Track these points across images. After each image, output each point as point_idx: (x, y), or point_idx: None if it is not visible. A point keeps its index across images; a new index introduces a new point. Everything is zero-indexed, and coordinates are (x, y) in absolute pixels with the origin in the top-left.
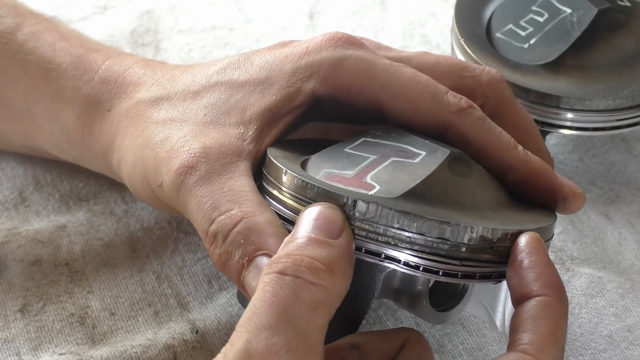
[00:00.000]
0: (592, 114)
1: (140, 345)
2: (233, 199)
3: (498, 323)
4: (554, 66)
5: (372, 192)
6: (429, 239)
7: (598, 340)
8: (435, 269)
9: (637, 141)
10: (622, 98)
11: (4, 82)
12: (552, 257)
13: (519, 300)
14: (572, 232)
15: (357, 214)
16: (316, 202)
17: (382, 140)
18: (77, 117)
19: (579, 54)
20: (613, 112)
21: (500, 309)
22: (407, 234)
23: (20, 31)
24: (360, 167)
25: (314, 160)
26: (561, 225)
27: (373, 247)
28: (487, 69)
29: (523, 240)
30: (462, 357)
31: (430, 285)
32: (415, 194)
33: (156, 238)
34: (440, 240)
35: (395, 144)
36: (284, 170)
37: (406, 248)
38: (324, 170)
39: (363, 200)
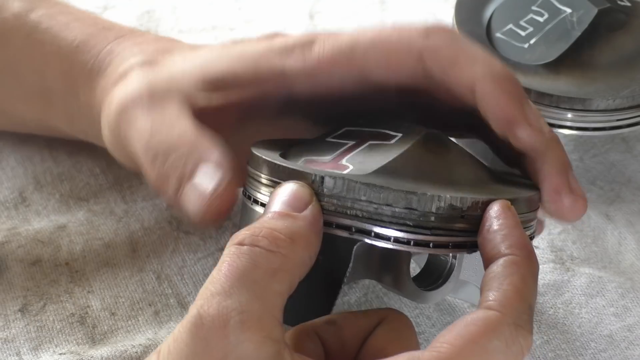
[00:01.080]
0: (592, 114)
1: (140, 345)
2: (173, 130)
3: None
4: (554, 66)
5: (345, 172)
6: (397, 209)
7: (598, 340)
8: (405, 240)
9: (638, 141)
10: (622, 98)
11: (19, 62)
12: (552, 257)
13: (487, 263)
14: (572, 232)
15: (325, 190)
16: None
17: (363, 128)
18: (86, 90)
19: (579, 54)
20: (613, 112)
21: None
22: (374, 206)
23: (34, 13)
24: (337, 152)
25: (294, 150)
26: (561, 225)
27: (342, 221)
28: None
29: (493, 207)
30: None
31: (413, 264)
32: (387, 171)
33: (156, 238)
34: (408, 211)
35: (374, 129)
36: (262, 159)
37: (375, 220)
38: (304, 157)
39: (330, 176)
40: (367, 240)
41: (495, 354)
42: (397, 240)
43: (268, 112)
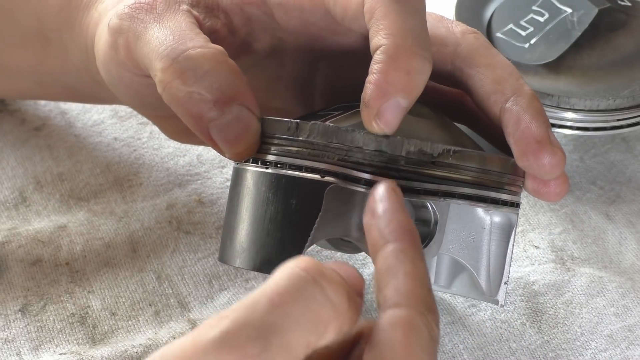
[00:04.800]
0: (592, 114)
1: (140, 345)
2: (194, 37)
3: (483, 285)
4: (555, 66)
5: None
6: (367, 151)
7: (598, 339)
8: (375, 182)
9: (638, 141)
10: (622, 98)
11: (16, 6)
12: (552, 257)
13: (373, 249)
14: (573, 231)
15: (300, 136)
16: (275, 135)
17: (355, 102)
18: (82, 20)
19: (579, 53)
20: (614, 112)
21: (484, 268)
22: (345, 149)
23: None
24: (324, 118)
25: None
26: (562, 225)
27: (314, 164)
28: (464, 25)
29: (377, 189)
30: (462, 357)
31: None
32: (361, 127)
33: (156, 238)
34: (378, 153)
35: (354, 102)
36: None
37: (345, 162)
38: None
39: (305, 122)
40: (338, 183)
41: (423, 344)
42: (367, 182)
43: (257, 51)
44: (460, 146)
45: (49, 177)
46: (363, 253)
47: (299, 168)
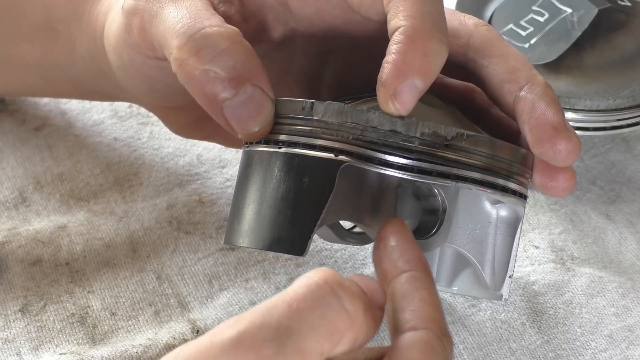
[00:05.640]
0: (592, 114)
1: (140, 345)
2: (210, 17)
3: (487, 279)
4: (555, 66)
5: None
6: (381, 131)
7: (598, 340)
8: (388, 162)
9: (638, 141)
10: (622, 98)
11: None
12: (552, 257)
13: (385, 278)
14: (573, 231)
15: (314, 115)
16: (288, 115)
17: (363, 94)
18: (92, 9)
19: (579, 53)
20: (614, 112)
21: (488, 262)
22: (360, 128)
23: None
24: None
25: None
26: (562, 225)
27: (328, 143)
28: (476, 18)
29: (387, 225)
30: (462, 357)
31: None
32: (378, 109)
33: (156, 238)
34: (392, 133)
35: (366, 93)
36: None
37: (359, 141)
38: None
39: (320, 102)
40: (351, 162)
41: None
42: (380, 162)
43: (269, 41)
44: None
45: (49, 177)
46: (363, 253)
47: (312, 147)
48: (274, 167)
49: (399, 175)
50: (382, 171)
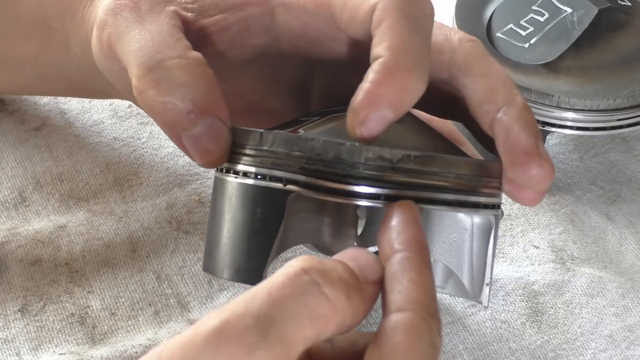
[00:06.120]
0: (592, 114)
1: (140, 345)
2: (173, 45)
3: (467, 286)
4: (555, 66)
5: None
6: (327, 159)
7: (598, 340)
8: (335, 190)
9: (638, 141)
10: (622, 98)
11: None
12: (552, 257)
13: (384, 260)
14: (573, 231)
15: (263, 145)
16: (244, 144)
17: (340, 107)
18: (85, 7)
19: (579, 53)
20: (614, 112)
21: (467, 269)
22: (305, 158)
23: None
24: (301, 124)
25: (273, 127)
26: (562, 225)
27: (276, 173)
28: (463, 33)
29: (394, 206)
30: (462, 357)
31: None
32: (332, 132)
33: (156, 238)
34: (337, 161)
35: (341, 107)
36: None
37: (307, 171)
38: (274, 130)
39: (268, 132)
40: (299, 191)
41: (424, 349)
42: (327, 190)
43: (252, 46)
44: (434, 151)
45: (49, 177)
46: None
47: (263, 177)
48: (232, 197)
49: (344, 202)
50: (330, 199)
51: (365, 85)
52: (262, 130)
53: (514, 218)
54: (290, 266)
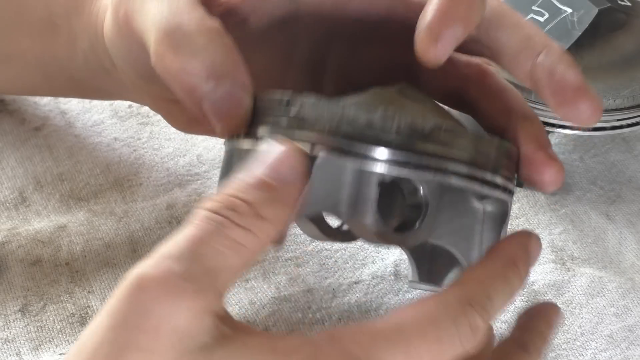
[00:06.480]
0: None
1: None
2: (191, 11)
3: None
4: None
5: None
6: (358, 124)
7: (598, 340)
8: (364, 155)
9: (638, 141)
10: (622, 98)
11: None
12: (552, 257)
13: None
14: (573, 231)
15: (291, 110)
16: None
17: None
18: (91, 6)
19: (579, 53)
20: (614, 112)
21: (475, 258)
22: (336, 121)
23: None
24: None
25: None
26: (562, 225)
27: (304, 137)
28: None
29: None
30: None
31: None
32: (358, 102)
33: (156, 238)
34: (368, 126)
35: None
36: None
37: (336, 135)
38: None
39: (296, 95)
40: (327, 155)
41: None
42: (356, 155)
43: (272, 15)
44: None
45: (49, 177)
46: (363, 253)
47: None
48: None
49: (372, 169)
50: (358, 164)
51: (434, 2)
52: (289, 94)
53: (514, 218)
54: (198, 212)
